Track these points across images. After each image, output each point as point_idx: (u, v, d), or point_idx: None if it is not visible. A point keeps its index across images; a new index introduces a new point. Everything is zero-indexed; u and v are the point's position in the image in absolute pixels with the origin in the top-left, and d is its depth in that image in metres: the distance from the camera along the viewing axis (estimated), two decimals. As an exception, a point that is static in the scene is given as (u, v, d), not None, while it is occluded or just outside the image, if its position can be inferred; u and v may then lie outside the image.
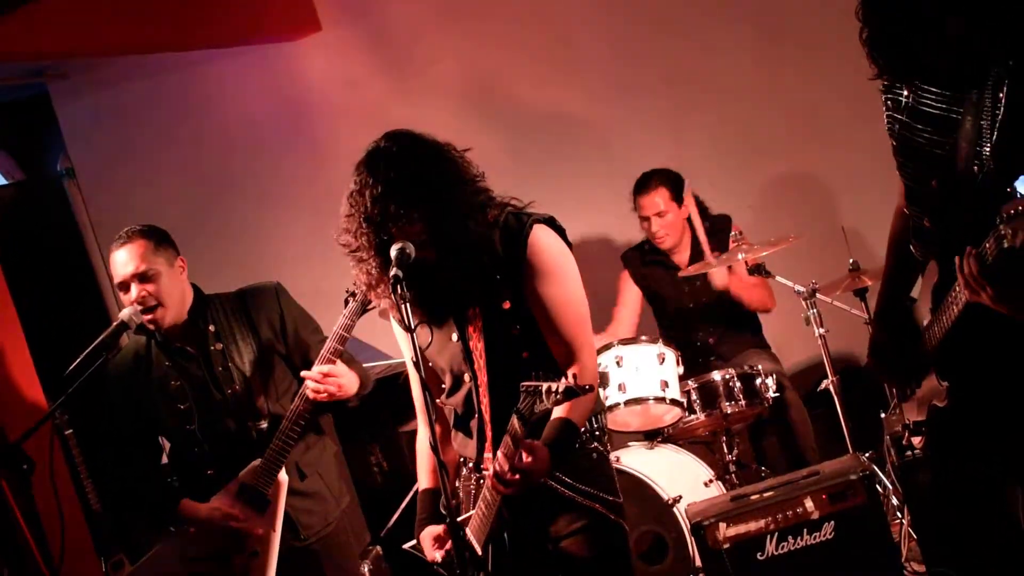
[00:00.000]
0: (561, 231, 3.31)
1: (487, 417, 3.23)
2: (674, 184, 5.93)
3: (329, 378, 4.03)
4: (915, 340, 3.21)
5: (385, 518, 5.63)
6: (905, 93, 2.93)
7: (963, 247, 2.71)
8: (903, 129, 2.94)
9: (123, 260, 4.20)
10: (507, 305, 3.20)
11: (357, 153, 3.17)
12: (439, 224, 3.07)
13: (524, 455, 2.98)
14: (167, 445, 4.40)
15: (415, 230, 3.07)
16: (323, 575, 4.32)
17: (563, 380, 2.76)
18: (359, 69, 7.14)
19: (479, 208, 3.15)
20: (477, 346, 3.21)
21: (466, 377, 3.29)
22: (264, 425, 4.21)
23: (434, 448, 3.06)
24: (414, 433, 3.63)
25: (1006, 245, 2.50)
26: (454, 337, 3.29)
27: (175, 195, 7.07)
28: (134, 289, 4.18)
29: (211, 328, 4.27)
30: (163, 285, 4.19)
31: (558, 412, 3.12)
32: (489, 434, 3.24)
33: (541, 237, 3.22)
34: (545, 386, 2.79)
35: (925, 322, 3.17)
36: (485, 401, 3.23)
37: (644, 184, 5.96)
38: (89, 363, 4.08)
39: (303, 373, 4.07)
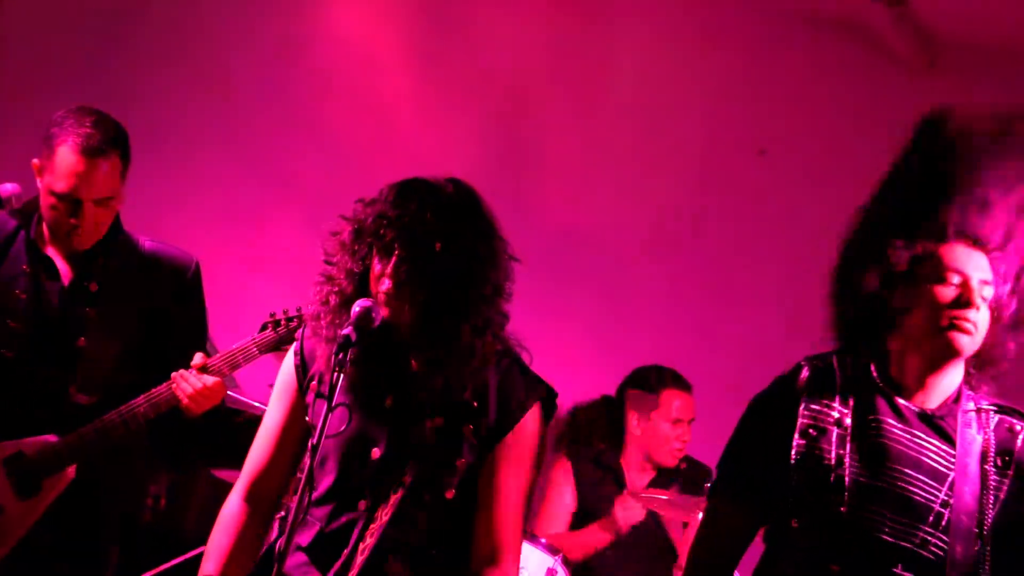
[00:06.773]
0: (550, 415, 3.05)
1: (358, 560, 2.86)
2: None
3: (202, 391, 3.61)
4: None
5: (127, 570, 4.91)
6: None
7: None
8: None
9: (91, 175, 3.56)
10: (461, 463, 2.90)
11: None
12: (448, 308, 2.85)
13: None
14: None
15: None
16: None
17: None
18: (386, 41, 6.27)
19: (494, 327, 2.91)
20: (406, 475, 2.88)
21: (361, 504, 2.91)
22: (89, 402, 3.65)
23: (280, 558, 2.69)
24: (225, 489, 3.17)
25: None
26: (375, 452, 2.92)
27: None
28: (84, 212, 3.57)
29: (101, 260, 3.71)
30: (111, 215, 3.67)
31: None
32: None
33: (537, 420, 2.97)
34: None
35: None
36: (367, 543, 2.86)
37: (685, 382, 5.17)
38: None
39: (186, 369, 3.63)
